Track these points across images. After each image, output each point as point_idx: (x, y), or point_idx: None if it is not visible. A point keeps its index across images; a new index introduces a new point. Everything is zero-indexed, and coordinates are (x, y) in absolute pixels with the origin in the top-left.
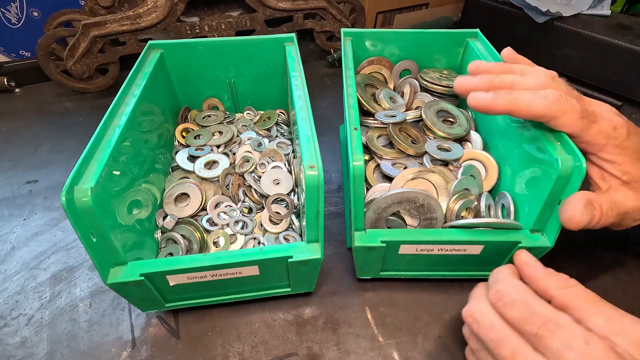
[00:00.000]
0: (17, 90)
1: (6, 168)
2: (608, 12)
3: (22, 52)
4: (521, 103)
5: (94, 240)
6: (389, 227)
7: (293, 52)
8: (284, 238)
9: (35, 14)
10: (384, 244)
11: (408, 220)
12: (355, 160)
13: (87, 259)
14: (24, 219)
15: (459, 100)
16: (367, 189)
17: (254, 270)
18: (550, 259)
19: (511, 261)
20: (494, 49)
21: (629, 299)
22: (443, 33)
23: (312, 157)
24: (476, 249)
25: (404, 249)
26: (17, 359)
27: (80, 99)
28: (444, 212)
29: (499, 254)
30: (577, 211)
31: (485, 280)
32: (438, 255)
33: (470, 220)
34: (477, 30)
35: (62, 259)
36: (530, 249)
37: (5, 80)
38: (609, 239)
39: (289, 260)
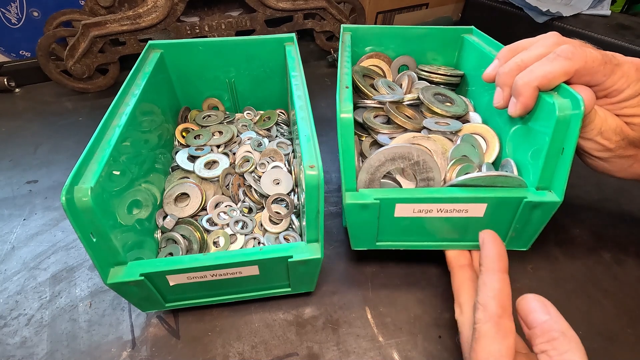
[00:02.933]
0: (17, 90)
1: (6, 168)
2: (608, 12)
3: (22, 52)
4: (539, 79)
5: (94, 240)
6: None
7: (293, 52)
8: (284, 238)
9: (35, 14)
10: (378, 201)
11: (404, 183)
12: (343, 111)
13: (87, 259)
14: (24, 219)
15: (456, 91)
16: (363, 162)
17: (254, 270)
18: (550, 260)
19: (519, 223)
20: (490, 38)
21: (629, 299)
22: (439, 29)
23: (312, 157)
24: (479, 210)
25: (400, 211)
26: (17, 359)
27: (80, 99)
28: (443, 177)
29: (505, 215)
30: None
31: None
32: (438, 219)
33: (471, 175)
34: (472, 27)
35: (62, 259)
36: (538, 205)
37: (5, 80)
38: (608, 239)
39: (289, 260)
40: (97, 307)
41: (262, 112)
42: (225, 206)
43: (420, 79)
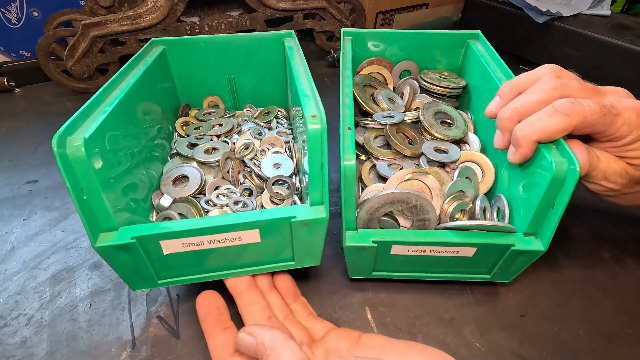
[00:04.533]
0: (17, 90)
1: (6, 168)
2: (608, 12)
3: (22, 52)
4: (538, 134)
5: (85, 197)
6: (381, 228)
7: (292, 44)
8: None
9: (35, 14)
10: (375, 244)
11: (401, 221)
12: (346, 159)
13: (87, 259)
14: (24, 219)
15: (459, 102)
16: (363, 189)
17: (255, 237)
18: (550, 259)
19: (504, 264)
20: (494, 51)
21: (629, 299)
22: (444, 34)
23: (313, 108)
24: (469, 252)
25: (395, 250)
26: (17, 359)
27: (80, 99)
28: (438, 214)
29: (492, 257)
30: (583, 153)
31: (477, 282)
32: (430, 257)
33: (463, 222)
34: (478, 31)
35: (62, 259)
36: (523, 253)
37: (5, 80)
38: (608, 239)
39: (292, 220)
40: (97, 307)
41: (262, 108)
42: (225, 189)
43: (421, 88)
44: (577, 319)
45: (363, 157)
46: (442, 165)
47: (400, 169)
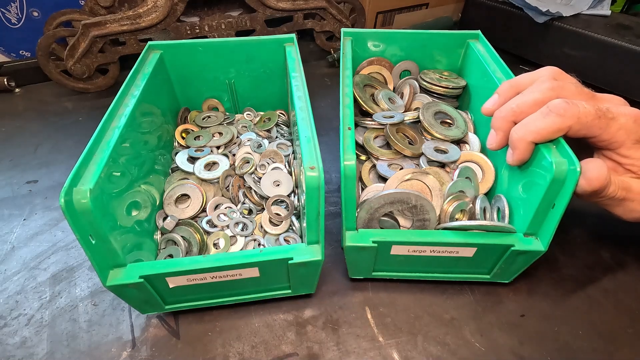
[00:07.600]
0: (17, 90)
1: (6, 168)
2: (608, 12)
3: (22, 52)
4: (533, 135)
5: (93, 242)
6: (382, 228)
7: (293, 53)
8: (284, 239)
9: (35, 14)
10: (375, 244)
11: (401, 221)
12: (346, 159)
13: (87, 259)
14: (24, 219)
15: (459, 101)
16: (363, 189)
17: (254, 272)
18: (550, 259)
19: (504, 264)
20: (494, 51)
21: (629, 299)
22: (444, 34)
23: (312, 158)
24: (469, 252)
25: (395, 250)
26: (17, 359)
27: (80, 99)
28: (438, 214)
29: (492, 257)
30: (602, 168)
31: (477, 282)
32: (431, 257)
33: (463, 222)
34: (478, 31)
35: (62, 259)
36: (523, 253)
37: (5, 80)
38: (608, 239)
39: (290, 262)
40: (97, 307)
41: (262, 113)
42: (225, 208)
43: (421, 88)
44: (577, 319)
45: (363, 157)
46: (442, 165)
47: (400, 169)
